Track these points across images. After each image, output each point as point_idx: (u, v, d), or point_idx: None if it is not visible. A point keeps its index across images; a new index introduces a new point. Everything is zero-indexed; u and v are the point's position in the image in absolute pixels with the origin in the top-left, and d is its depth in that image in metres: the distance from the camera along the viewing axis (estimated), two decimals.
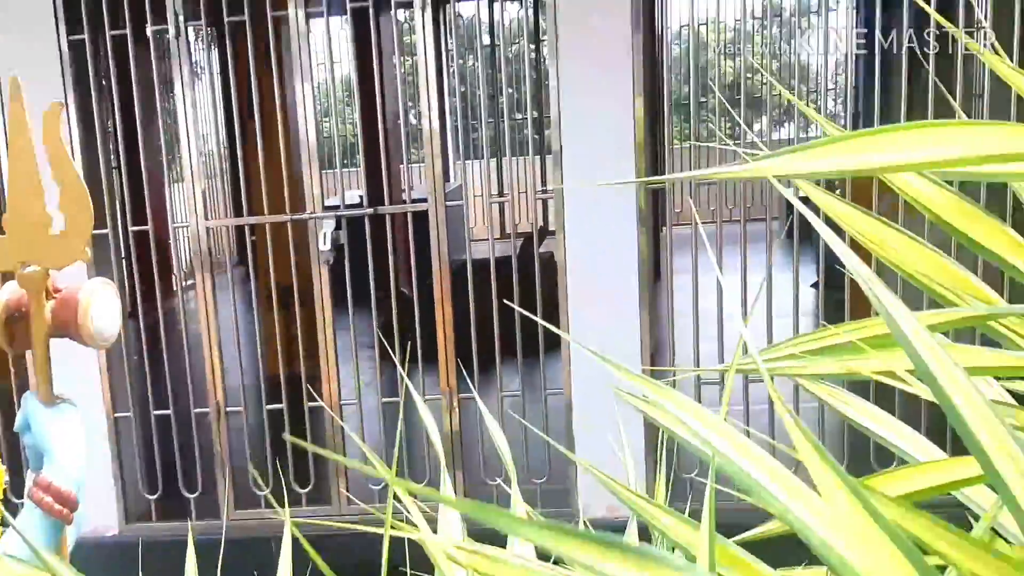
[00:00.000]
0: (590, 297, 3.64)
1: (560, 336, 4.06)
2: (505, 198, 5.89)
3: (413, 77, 4.12)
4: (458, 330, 3.79)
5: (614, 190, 3.53)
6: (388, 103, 3.99)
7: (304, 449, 3.83)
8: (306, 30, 3.71)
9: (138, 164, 3.85)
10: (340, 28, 6.86)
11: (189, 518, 3.91)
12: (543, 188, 5.05)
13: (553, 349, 3.93)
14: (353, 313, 3.82)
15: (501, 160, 7.15)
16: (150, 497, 4.00)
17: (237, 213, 5.73)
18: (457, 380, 3.82)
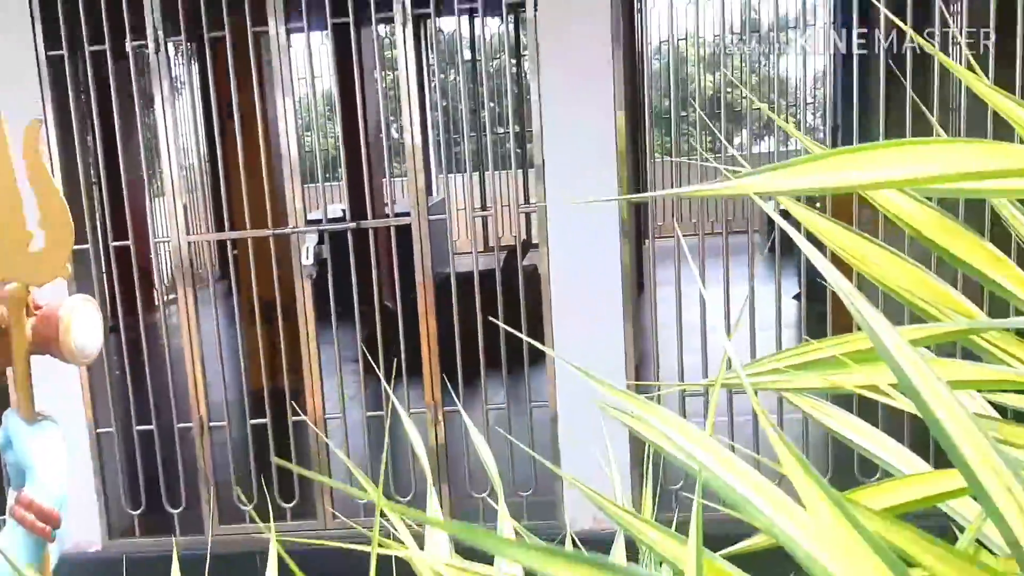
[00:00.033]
0: (574, 309, 3.65)
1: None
2: (488, 211, 5.90)
3: (395, 91, 4.12)
4: (442, 343, 3.79)
5: (597, 203, 3.55)
6: (370, 117, 3.99)
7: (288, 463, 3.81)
8: (287, 45, 3.71)
9: (119, 179, 3.83)
10: (321, 43, 6.87)
11: (173, 533, 3.88)
12: (526, 202, 5.06)
13: (538, 362, 3.93)
14: (337, 327, 3.81)
15: (484, 173, 7.16)
16: (133, 513, 3.96)
17: (219, 228, 5.70)
18: (442, 393, 3.81)
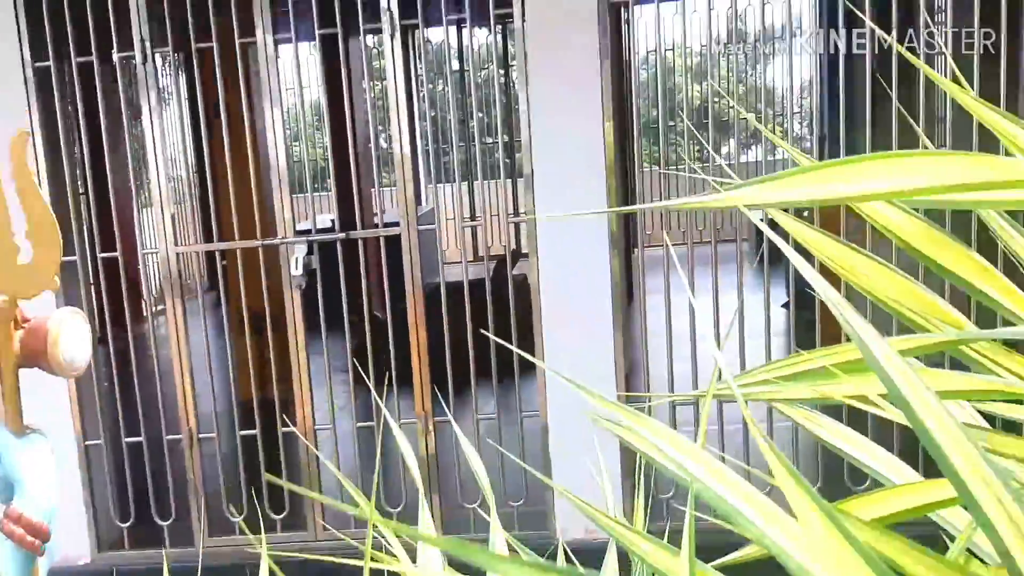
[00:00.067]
0: (564, 319, 3.65)
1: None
2: (478, 221, 5.90)
3: (383, 101, 4.12)
4: (432, 353, 3.78)
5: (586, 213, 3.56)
6: (358, 127, 3.99)
7: (278, 474, 3.79)
8: (275, 55, 3.71)
9: (106, 190, 3.82)
10: (309, 54, 6.87)
11: (162, 546, 3.86)
12: (515, 211, 5.06)
13: (528, 371, 3.93)
14: (326, 337, 3.80)
15: (473, 183, 7.17)
16: (122, 525, 3.94)
17: (208, 238, 5.69)
18: (432, 403, 3.81)
